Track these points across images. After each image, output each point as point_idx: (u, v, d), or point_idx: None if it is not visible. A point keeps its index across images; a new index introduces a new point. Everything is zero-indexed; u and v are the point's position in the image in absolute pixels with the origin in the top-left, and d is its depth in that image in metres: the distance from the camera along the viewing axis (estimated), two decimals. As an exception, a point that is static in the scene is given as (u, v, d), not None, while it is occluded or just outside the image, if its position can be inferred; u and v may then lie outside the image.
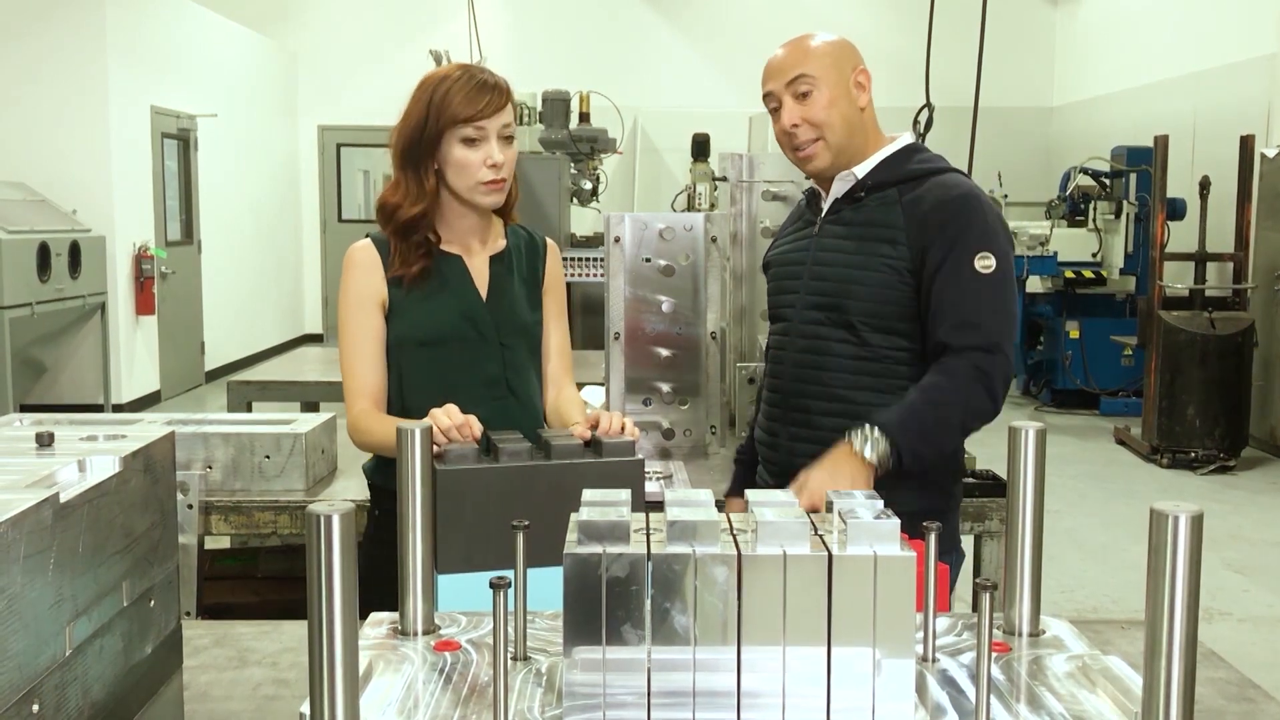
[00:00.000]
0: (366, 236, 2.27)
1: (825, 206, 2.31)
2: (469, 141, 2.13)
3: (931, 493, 2.23)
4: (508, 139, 2.17)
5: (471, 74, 2.16)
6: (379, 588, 1.56)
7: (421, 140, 2.15)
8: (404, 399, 2.21)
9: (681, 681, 1.10)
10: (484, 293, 2.24)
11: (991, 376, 2.14)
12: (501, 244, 2.30)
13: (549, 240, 2.39)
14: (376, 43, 12.60)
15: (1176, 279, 8.07)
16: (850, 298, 2.21)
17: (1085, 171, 9.49)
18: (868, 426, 2.10)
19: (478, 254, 2.26)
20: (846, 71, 2.22)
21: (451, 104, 2.12)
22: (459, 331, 2.21)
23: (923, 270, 2.17)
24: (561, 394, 2.32)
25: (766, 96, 2.26)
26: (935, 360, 2.18)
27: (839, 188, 2.28)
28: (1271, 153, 8.02)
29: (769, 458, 2.39)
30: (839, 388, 2.24)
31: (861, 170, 2.25)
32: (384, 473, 2.23)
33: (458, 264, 2.24)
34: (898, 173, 2.24)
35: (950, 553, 2.29)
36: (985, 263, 2.15)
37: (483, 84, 2.14)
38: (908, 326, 2.20)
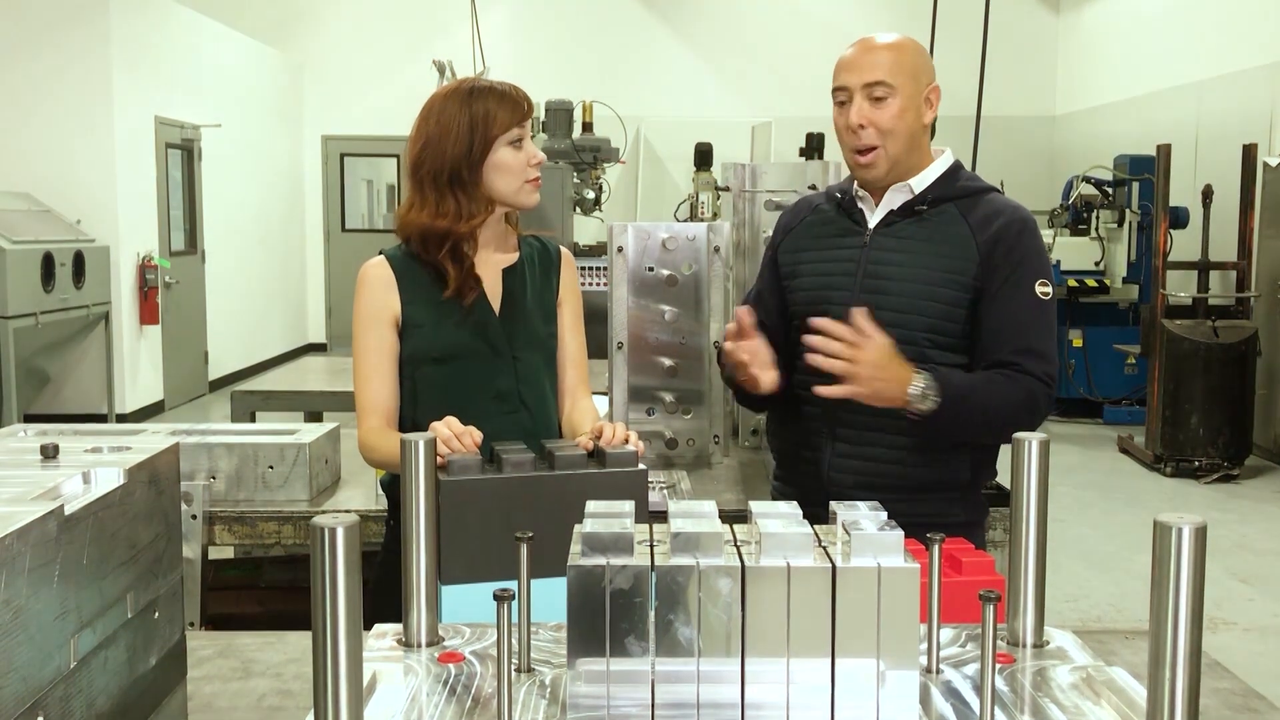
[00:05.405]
0: (380, 253, 2.28)
1: (875, 217, 2.25)
2: (516, 144, 2.21)
3: (973, 503, 2.29)
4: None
5: (491, 85, 2.23)
6: (397, 597, 1.56)
7: (470, 154, 2.18)
8: (416, 414, 2.21)
9: (685, 693, 1.10)
10: (497, 306, 2.25)
11: (1041, 411, 2.17)
12: (514, 256, 2.31)
13: (563, 250, 2.38)
14: (381, 54, 12.63)
15: (1179, 288, 8.07)
16: (918, 314, 2.17)
17: (1088, 180, 9.49)
18: (931, 385, 2.06)
19: (491, 267, 2.27)
20: (923, 86, 2.19)
21: (498, 114, 2.19)
22: (472, 347, 2.22)
23: (984, 287, 2.16)
24: (577, 406, 2.32)
25: (839, 89, 2.20)
26: (993, 368, 2.16)
27: (894, 199, 2.23)
28: (1274, 161, 8.02)
29: (800, 474, 2.30)
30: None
31: (919, 184, 2.22)
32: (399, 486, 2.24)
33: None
34: (953, 189, 2.22)
35: None
36: (1045, 289, 2.19)
37: (505, 93, 2.22)
38: (966, 344, 2.19)
